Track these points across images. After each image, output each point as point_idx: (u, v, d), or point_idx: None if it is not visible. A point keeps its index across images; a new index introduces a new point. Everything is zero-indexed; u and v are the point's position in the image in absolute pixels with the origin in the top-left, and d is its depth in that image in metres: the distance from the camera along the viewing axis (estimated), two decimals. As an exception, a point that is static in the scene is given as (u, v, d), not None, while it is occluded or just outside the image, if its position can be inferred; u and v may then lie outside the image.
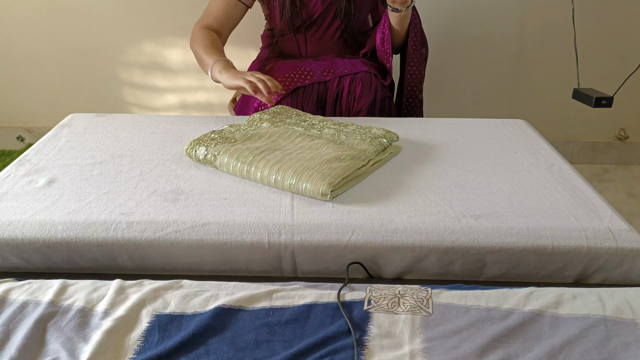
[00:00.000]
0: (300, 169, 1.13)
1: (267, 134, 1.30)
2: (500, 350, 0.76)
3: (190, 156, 1.27)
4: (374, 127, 1.36)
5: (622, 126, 2.57)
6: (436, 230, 1.02)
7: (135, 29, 2.42)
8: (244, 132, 1.31)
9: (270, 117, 1.41)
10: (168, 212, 1.07)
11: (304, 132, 1.33)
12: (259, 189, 1.15)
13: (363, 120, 1.53)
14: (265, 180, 1.15)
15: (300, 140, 1.28)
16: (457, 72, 2.45)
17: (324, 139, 1.29)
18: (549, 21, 2.34)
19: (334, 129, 1.36)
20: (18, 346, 0.76)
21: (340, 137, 1.31)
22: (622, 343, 0.77)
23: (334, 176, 1.10)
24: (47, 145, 1.37)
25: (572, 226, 1.03)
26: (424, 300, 0.85)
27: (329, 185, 1.08)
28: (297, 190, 1.11)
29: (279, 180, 1.13)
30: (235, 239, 1.01)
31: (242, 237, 1.01)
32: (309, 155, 1.19)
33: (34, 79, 2.55)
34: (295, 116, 1.44)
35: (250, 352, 0.76)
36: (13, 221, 1.04)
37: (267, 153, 1.20)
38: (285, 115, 1.44)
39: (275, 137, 1.29)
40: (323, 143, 1.26)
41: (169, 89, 2.53)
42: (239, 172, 1.18)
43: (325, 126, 1.37)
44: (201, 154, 1.24)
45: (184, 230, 1.02)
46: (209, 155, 1.22)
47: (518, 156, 1.33)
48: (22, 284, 0.90)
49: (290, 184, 1.11)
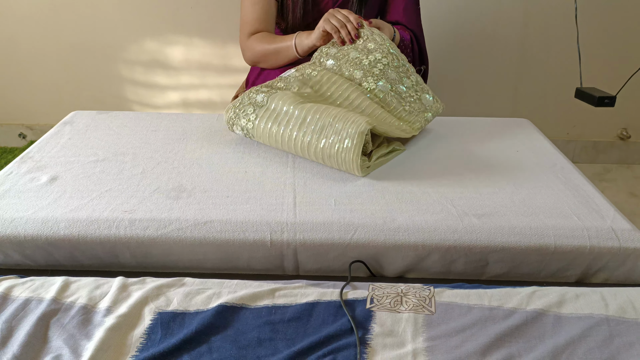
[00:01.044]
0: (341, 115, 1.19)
1: (319, 82, 1.33)
2: (503, 350, 0.76)
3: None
4: (425, 91, 1.39)
5: (625, 126, 2.57)
6: (438, 229, 1.02)
7: (137, 27, 2.42)
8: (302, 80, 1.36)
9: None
10: (170, 209, 1.07)
11: (357, 84, 1.34)
12: (262, 187, 1.15)
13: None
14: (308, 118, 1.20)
15: (353, 95, 1.30)
16: (459, 71, 2.45)
17: (373, 101, 1.31)
18: (551, 20, 2.34)
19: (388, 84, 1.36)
20: (21, 343, 0.76)
21: (392, 100, 1.33)
22: (625, 343, 0.77)
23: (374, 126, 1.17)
24: (49, 143, 1.37)
25: (575, 225, 1.03)
26: (426, 299, 0.85)
27: (368, 124, 1.14)
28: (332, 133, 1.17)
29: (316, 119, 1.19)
30: (237, 237, 1.01)
31: (244, 235, 1.01)
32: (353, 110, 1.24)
33: (36, 77, 2.55)
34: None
35: (253, 350, 0.76)
36: (15, 218, 1.04)
37: (314, 101, 1.24)
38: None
39: (326, 86, 1.33)
40: (371, 105, 1.29)
41: (171, 87, 2.53)
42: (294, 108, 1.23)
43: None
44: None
45: (187, 228, 1.02)
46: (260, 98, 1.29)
47: (520, 155, 1.33)
48: (24, 281, 0.90)
49: (326, 122, 1.17)
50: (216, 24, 2.41)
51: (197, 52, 2.46)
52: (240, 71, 2.47)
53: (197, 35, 2.43)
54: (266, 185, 1.16)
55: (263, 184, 1.17)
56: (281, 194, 1.12)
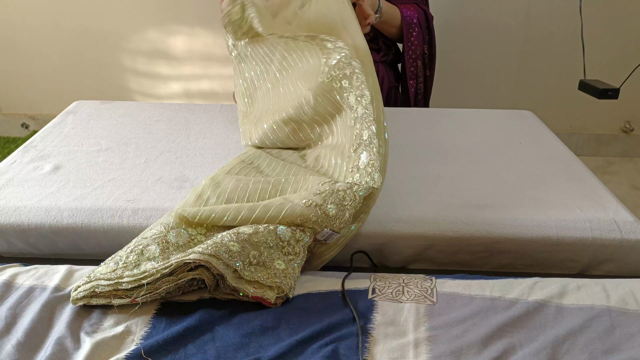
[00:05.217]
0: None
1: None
2: (504, 340, 0.76)
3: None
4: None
5: (628, 118, 2.56)
6: (440, 220, 1.02)
7: (139, 17, 2.41)
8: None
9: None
10: (173, 199, 1.07)
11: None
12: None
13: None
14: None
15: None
16: (462, 63, 2.44)
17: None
18: (555, 11, 2.32)
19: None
20: (25, 329, 0.76)
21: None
22: (626, 333, 0.77)
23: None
24: (52, 132, 1.37)
25: (577, 217, 1.03)
26: (428, 290, 0.86)
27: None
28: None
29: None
30: (240, 227, 1.01)
31: (247, 225, 1.01)
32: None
33: (38, 67, 2.55)
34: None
35: (256, 339, 0.76)
36: (19, 207, 1.04)
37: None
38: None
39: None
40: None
41: (173, 77, 2.52)
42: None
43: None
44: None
45: (189, 218, 1.02)
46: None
47: (523, 147, 1.33)
48: (28, 269, 0.90)
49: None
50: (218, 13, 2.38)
51: (199, 42, 2.45)
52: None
53: (199, 25, 2.42)
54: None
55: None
56: (284, 184, 1.12)
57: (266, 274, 0.85)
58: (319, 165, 1.16)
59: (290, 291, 0.84)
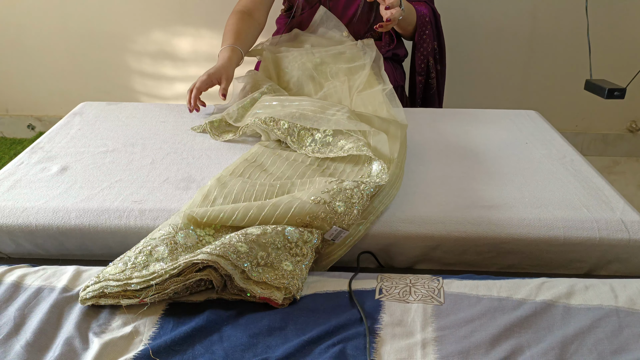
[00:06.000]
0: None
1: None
2: (512, 340, 0.76)
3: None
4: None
5: (634, 118, 2.55)
6: (447, 220, 1.02)
7: (145, 18, 2.42)
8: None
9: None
10: (180, 200, 1.07)
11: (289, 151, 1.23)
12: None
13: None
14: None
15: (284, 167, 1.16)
16: (468, 63, 2.44)
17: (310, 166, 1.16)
18: (561, 11, 2.32)
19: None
20: (34, 330, 0.77)
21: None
22: (634, 334, 0.77)
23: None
24: (59, 133, 1.38)
25: (585, 217, 1.03)
26: (435, 290, 0.86)
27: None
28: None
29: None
30: (247, 228, 1.01)
31: (253, 225, 1.01)
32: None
33: (44, 68, 2.56)
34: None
35: (264, 339, 0.76)
36: (27, 208, 1.05)
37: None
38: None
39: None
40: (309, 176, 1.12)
41: (179, 78, 2.53)
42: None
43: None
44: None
45: (196, 218, 1.02)
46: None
47: (530, 147, 1.33)
48: (36, 269, 0.90)
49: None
50: (224, 15, 2.38)
51: (204, 44, 2.45)
52: (247, 62, 2.46)
53: (205, 26, 2.43)
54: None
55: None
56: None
57: (274, 275, 0.85)
58: (324, 165, 1.16)
59: (297, 292, 0.85)
